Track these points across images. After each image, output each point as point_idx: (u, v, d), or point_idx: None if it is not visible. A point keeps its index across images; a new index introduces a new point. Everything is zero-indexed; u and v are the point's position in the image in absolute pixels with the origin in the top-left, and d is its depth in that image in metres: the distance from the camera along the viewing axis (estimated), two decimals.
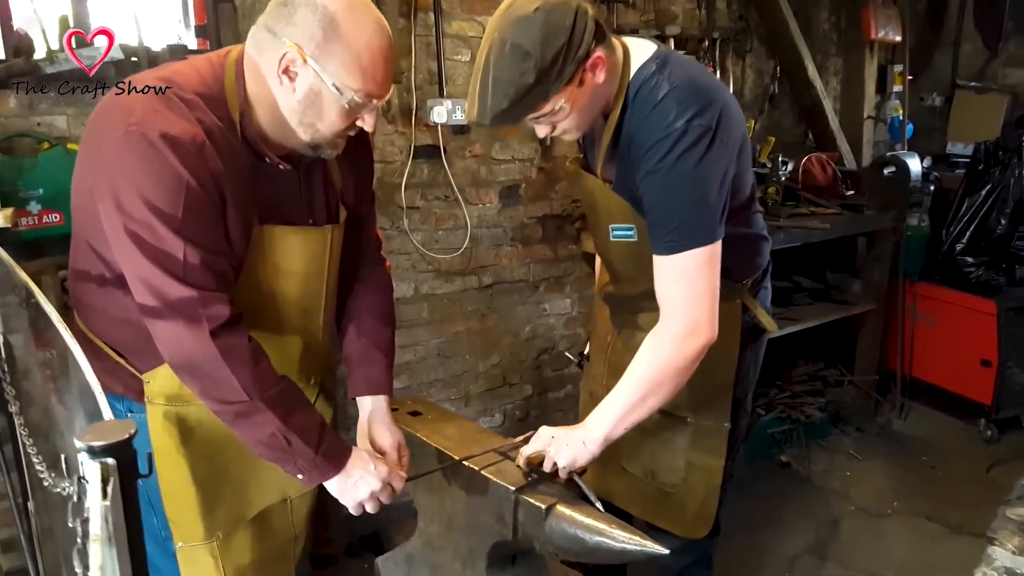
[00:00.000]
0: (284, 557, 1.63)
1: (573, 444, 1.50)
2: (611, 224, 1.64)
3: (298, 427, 1.31)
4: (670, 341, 1.45)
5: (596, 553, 1.41)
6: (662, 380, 1.46)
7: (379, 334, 1.61)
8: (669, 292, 1.46)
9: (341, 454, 1.39)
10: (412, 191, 2.86)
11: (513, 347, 3.36)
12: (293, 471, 1.35)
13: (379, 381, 1.58)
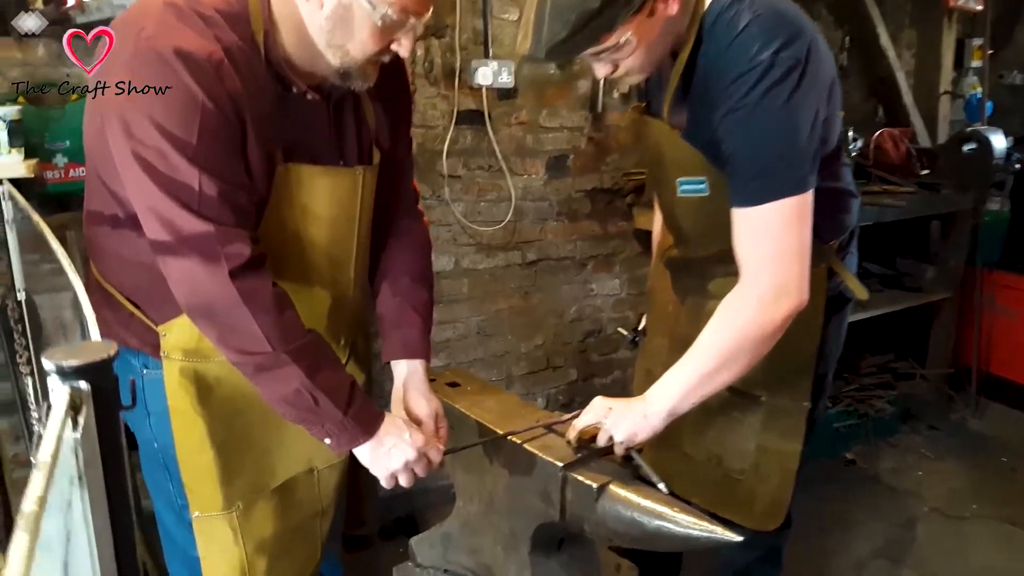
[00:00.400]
0: (309, 532, 1.52)
1: (632, 417, 1.37)
2: (679, 177, 1.49)
3: (326, 385, 1.19)
4: (753, 305, 1.31)
5: (655, 539, 1.27)
6: (741, 350, 1.32)
7: (415, 294, 1.49)
8: (752, 250, 1.31)
9: (373, 419, 1.27)
10: (454, 159, 2.74)
11: (557, 328, 3.22)
12: (320, 434, 1.24)
13: (415, 344, 1.46)
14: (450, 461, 1.63)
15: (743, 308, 1.31)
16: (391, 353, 1.48)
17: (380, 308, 1.51)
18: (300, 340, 1.19)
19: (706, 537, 1.22)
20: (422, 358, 1.47)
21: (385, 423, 1.28)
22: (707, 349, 1.34)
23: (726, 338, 1.32)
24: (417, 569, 1.66)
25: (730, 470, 1.63)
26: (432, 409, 1.42)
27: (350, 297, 1.43)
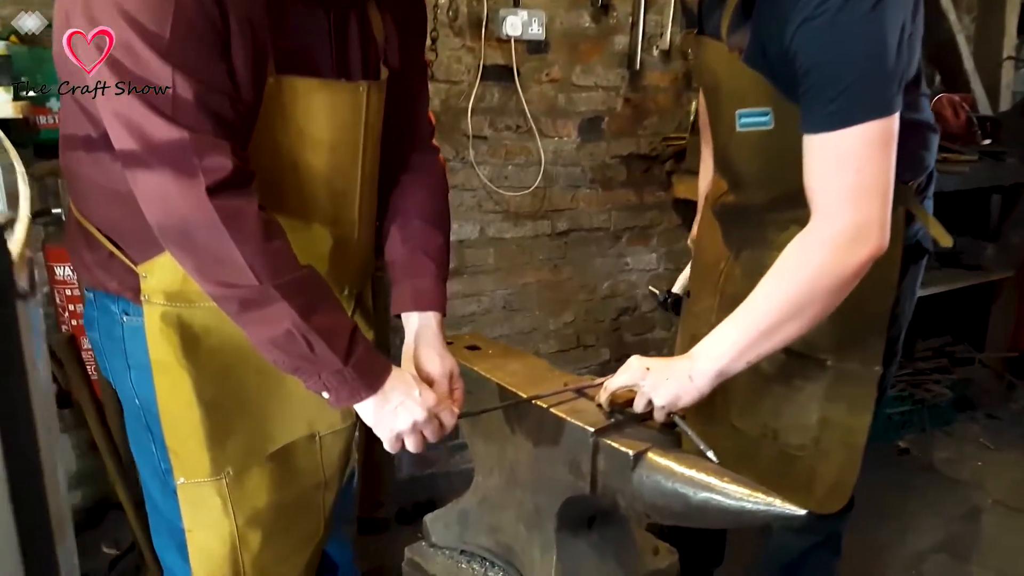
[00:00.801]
0: (311, 505, 1.37)
1: (675, 378, 1.20)
2: (739, 109, 1.33)
3: (322, 327, 1.04)
4: (828, 247, 1.14)
5: (702, 514, 1.11)
6: (809, 300, 1.14)
7: (429, 238, 1.34)
8: (829, 183, 1.14)
9: (377, 371, 1.11)
10: (479, 117, 2.58)
11: (589, 305, 3.06)
12: (316, 386, 1.08)
13: (427, 294, 1.31)
14: (469, 431, 1.48)
15: (815, 251, 1.14)
16: (401, 304, 1.32)
17: (389, 254, 1.36)
18: (291, 274, 1.04)
19: (763, 511, 1.05)
20: (436, 310, 1.31)
21: (392, 377, 1.13)
22: (768, 299, 1.18)
23: (793, 286, 1.15)
24: (431, 550, 1.51)
25: (787, 446, 1.46)
26: (446, 367, 1.26)
27: (355, 240, 1.28)
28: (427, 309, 1.31)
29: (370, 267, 1.39)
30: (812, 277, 1.14)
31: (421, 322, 1.30)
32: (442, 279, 1.33)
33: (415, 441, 1.15)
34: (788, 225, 1.33)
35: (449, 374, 1.27)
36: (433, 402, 1.15)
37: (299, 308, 1.02)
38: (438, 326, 1.31)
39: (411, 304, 1.31)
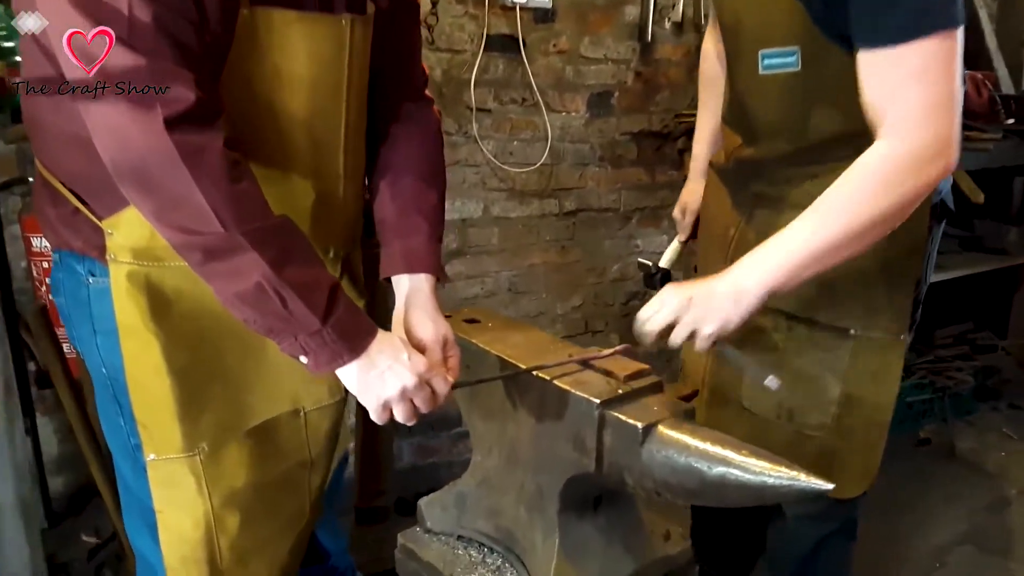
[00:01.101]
0: (294, 486, 1.28)
1: (719, 303, 1.12)
2: (762, 49, 1.23)
3: (297, 282, 0.94)
4: (904, 165, 1.06)
5: (719, 491, 1.01)
6: (880, 219, 1.07)
7: (421, 195, 1.24)
8: (901, 98, 1.06)
9: (361, 332, 1.02)
10: (483, 90, 2.48)
11: (598, 288, 2.96)
12: (293, 349, 0.99)
13: (419, 254, 1.21)
14: (466, 408, 1.39)
15: (890, 169, 1.06)
16: (391, 267, 1.22)
17: (378, 213, 1.26)
18: (261, 221, 0.94)
19: (786, 486, 0.95)
20: (428, 272, 1.21)
21: (378, 340, 1.03)
22: (830, 217, 1.08)
23: (861, 204, 1.07)
24: (426, 536, 1.41)
25: (804, 426, 1.36)
26: (439, 332, 1.16)
27: (340, 196, 1.18)
28: (419, 271, 1.21)
29: (358, 228, 1.30)
30: (884, 196, 1.06)
31: (412, 285, 1.20)
32: (436, 239, 1.24)
33: (404, 410, 1.05)
34: (804, 181, 1.24)
35: (443, 340, 1.17)
36: (424, 367, 1.05)
37: (270, 259, 0.92)
38: (430, 289, 1.21)
39: (401, 266, 1.21)
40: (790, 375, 1.34)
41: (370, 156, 1.26)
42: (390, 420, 1.05)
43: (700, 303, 1.13)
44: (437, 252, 1.23)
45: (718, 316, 1.12)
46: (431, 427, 2.66)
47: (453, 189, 2.49)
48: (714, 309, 1.12)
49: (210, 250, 0.92)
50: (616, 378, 1.18)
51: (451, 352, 1.18)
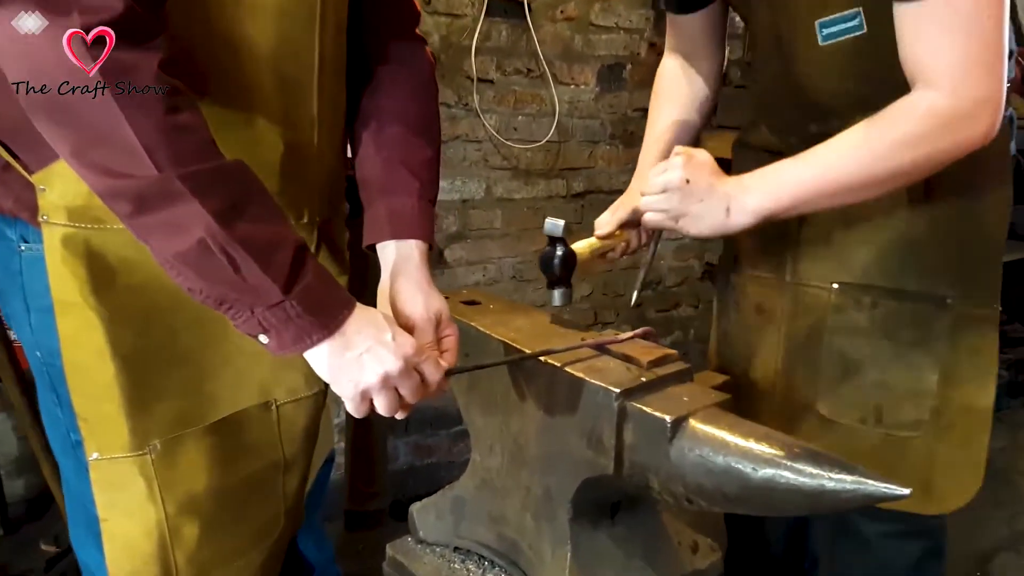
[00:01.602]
0: (266, 491, 1.13)
1: (711, 207, 1.07)
2: (820, 19, 1.10)
3: (252, 240, 0.79)
4: (940, 119, 0.98)
5: (766, 498, 0.85)
6: (898, 170, 1.01)
7: (412, 149, 1.08)
8: (942, 52, 0.97)
9: (335, 305, 0.85)
10: (485, 58, 2.33)
11: (608, 277, 2.81)
12: (250, 326, 0.83)
13: (408, 217, 1.05)
14: (464, 401, 1.23)
15: (925, 120, 0.98)
16: (375, 232, 1.07)
17: (361, 168, 1.10)
18: (206, 162, 0.78)
19: (850, 491, 0.80)
20: (419, 238, 1.05)
21: (356, 315, 0.86)
22: (852, 153, 1.02)
23: (888, 149, 1.00)
24: (419, 547, 1.26)
25: (896, 427, 1.17)
26: (431, 310, 1.01)
27: (314, 146, 1.02)
28: (407, 236, 1.05)
29: (339, 188, 1.14)
30: (914, 148, 0.99)
31: (400, 253, 1.05)
32: (428, 200, 1.08)
33: (387, 400, 0.88)
34: None
35: (436, 317, 1.01)
36: (412, 350, 0.89)
37: (216, 210, 0.76)
38: (421, 258, 1.05)
39: (387, 230, 1.05)
40: (878, 364, 1.18)
41: (352, 103, 1.10)
42: (371, 412, 0.89)
43: (693, 195, 1.07)
44: (429, 215, 1.08)
45: (704, 222, 1.08)
46: (429, 424, 2.51)
47: (452, 167, 2.34)
48: (703, 213, 1.07)
49: (142, 198, 0.76)
50: (638, 364, 1.03)
51: (447, 332, 1.02)
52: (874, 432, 1.18)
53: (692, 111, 1.41)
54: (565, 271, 1.21)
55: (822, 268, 1.21)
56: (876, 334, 1.16)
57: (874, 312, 1.15)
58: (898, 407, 1.16)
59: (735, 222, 1.07)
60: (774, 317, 1.29)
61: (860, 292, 1.17)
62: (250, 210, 0.80)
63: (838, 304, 1.19)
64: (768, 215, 1.06)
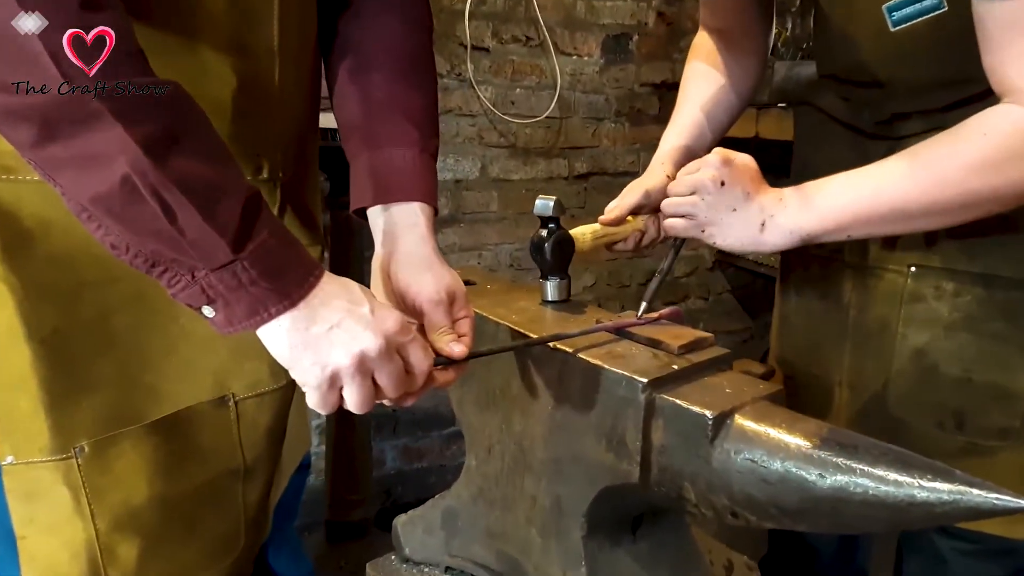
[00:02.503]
0: (222, 501, 0.98)
1: (743, 219, 0.94)
2: (887, 3, 0.96)
3: (191, 180, 0.63)
4: (1013, 120, 0.84)
5: (837, 511, 0.71)
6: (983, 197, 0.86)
7: (403, 88, 0.93)
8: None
9: (297, 269, 0.69)
10: (480, 24, 2.19)
11: (613, 266, 2.67)
12: (191, 295, 0.67)
13: (407, 173, 0.89)
14: (457, 396, 1.09)
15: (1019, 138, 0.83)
16: (362, 193, 0.90)
17: (341, 113, 0.94)
18: (134, 77, 0.62)
19: (948, 503, 0.65)
20: (423, 200, 0.89)
21: (324, 283, 0.70)
22: (920, 176, 0.87)
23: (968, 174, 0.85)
24: (404, 566, 1.10)
25: (979, 433, 1.03)
26: (441, 289, 0.84)
27: (275, 82, 0.87)
28: (408, 198, 0.89)
29: (309, 139, 0.99)
30: (993, 170, 0.84)
31: (398, 220, 0.89)
32: (429, 154, 0.92)
33: (360, 390, 0.72)
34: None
35: (448, 297, 0.85)
36: (395, 326, 0.73)
37: (146, 139, 0.60)
38: (427, 226, 0.89)
39: (381, 191, 0.89)
40: (960, 361, 1.03)
41: (326, 31, 0.94)
42: (339, 406, 0.73)
43: (726, 202, 0.93)
44: (433, 172, 0.92)
45: (733, 235, 0.95)
46: (419, 425, 2.36)
47: (444, 143, 2.19)
48: (735, 223, 0.94)
49: (47, 121, 0.60)
50: (667, 349, 0.88)
51: (462, 314, 0.86)
52: (954, 440, 1.03)
53: (730, 93, 1.25)
54: (559, 258, 1.05)
55: (897, 249, 1.06)
56: (959, 326, 1.01)
57: (957, 301, 1.00)
58: (983, 412, 1.02)
59: (769, 241, 0.95)
60: (840, 304, 1.14)
61: (941, 277, 1.03)
62: (189, 143, 0.64)
63: (915, 291, 1.04)
64: (808, 238, 0.94)
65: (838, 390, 1.17)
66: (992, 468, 1.02)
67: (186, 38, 0.78)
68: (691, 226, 0.97)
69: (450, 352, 0.79)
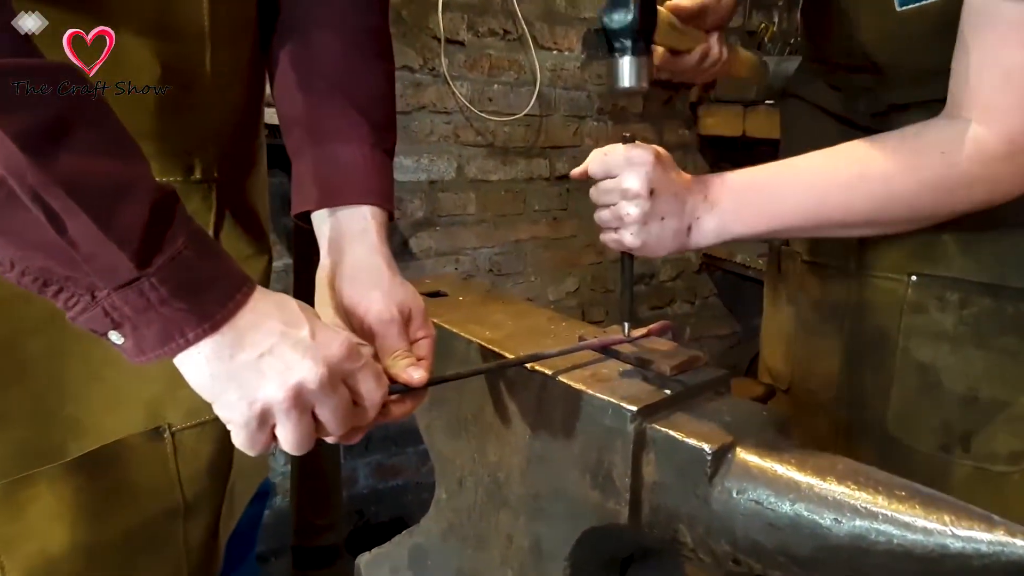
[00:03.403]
0: (160, 543, 0.88)
1: (673, 230, 0.84)
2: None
3: (82, 179, 0.53)
4: (988, 157, 0.77)
5: (856, 562, 0.63)
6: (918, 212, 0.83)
7: (354, 74, 0.83)
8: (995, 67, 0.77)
9: (220, 285, 0.59)
10: (454, 16, 2.10)
11: (597, 270, 2.59)
12: (93, 319, 0.58)
13: (355, 172, 0.80)
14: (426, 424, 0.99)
15: (972, 162, 0.78)
16: (305, 195, 0.81)
17: (282, 104, 0.85)
18: (11, 56, 0.53)
19: (988, 555, 0.56)
20: (372, 203, 0.80)
21: (255, 301, 0.60)
22: (873, 189, 0.83)
23: (929, 187, 0.81)
24: None
25: (987, 458, 0.95)
26: (394, 305, 0.75)
27: (207, 70, 0.77)
28: (357, 201, 0.79)
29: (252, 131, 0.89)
30: (945, 190, 0.80)
31: (345, 226, 0.79)
32: (384, 151, 0.83)
33: (295, 431, 0.62)
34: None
35: (402, 314, 0.76)
36: (340, 351, 0.63)
37: (24, 132, 0.51)
38: (379, 233, 0.80)
39: (325, 192, 0.80)
40: (966, 378, 0.95)
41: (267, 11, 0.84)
42: (269, 446, 0.64)
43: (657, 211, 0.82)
44: (387, 171, 0.82)
45: (663, 246, 0.85)
46: (393, 441, 2.26)
47: (417, 142, 2.10)
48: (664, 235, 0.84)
49: None
50: (658, 371, 0.79)
51: (420, 334, 0.77)
52: (960, 464, 0.94)
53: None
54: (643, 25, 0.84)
55: (896, 255, 0.98)
56: (965, 340, 0.93)
57: (963, 312, 0.92)
58: (991, 434, 0.93)
59: (694, 243, 0.87)
60: (836, 315, 1.06)
61: (945, 287, 0.94)
62: (81, 137, 0.54)
63: (916, 301, 0.96)
64: (735, 240, 0.87)
65: (832, 407, 1.08)
66: (1002, 497, 0.94)
67: (97, 18, 0.68)
68: (620, 246, 0.86)
69: (407, 379, 0.70)
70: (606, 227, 0.87)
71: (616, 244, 0.86)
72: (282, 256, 1.93)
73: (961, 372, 0.94)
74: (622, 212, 0.83)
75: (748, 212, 0.85)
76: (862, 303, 1.03)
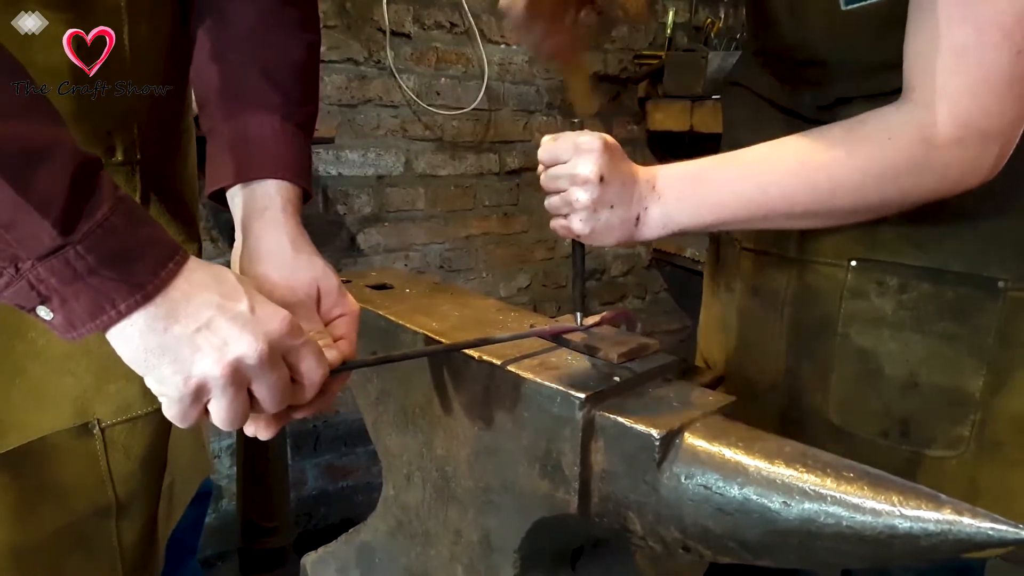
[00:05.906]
0: (91, 543, 0.85)
1: (620, 219, 0.83)
2: None
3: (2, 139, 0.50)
4: (937, 148, 0.77)
5: (806, 546, 0.62)
6: (863, 202, 0.82)
7: (268, 43, 0.80)
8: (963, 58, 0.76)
9: (152, 253, 0.56)
10: (400, 7, 2.07)
11: (548, 266, 2.58)
12: (18, 292, 0.54)
13: (266, 147, 0.77)
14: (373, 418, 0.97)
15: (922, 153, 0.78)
16: (219, 172, 0.78)
17: (198, 80, 0.82)
18: None
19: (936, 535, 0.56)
20: (284, 177, 0.77)
21: (189, 271, 0.58)
22: (816, 179, 0.82)
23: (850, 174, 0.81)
24: None
25: (926, 443, 0.95)
26: (308, 279, 0.73)
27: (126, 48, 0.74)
28: (262, 175, 0.77)
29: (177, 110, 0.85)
30: (890, 179, 0.79)
31: (251, 201, 0.76)
32: (297, 124, 0.80)
33: (230, 407, 0.59)
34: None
35: (318, 290, 0.74)
36: (281, 326, 0.60)
37: None
38: (286, 207, 0.76)
39: (233, 169, 0.77)
40: (905, 364, 0.95)
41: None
42: (200, 420, 0.61)
43: (605, 199, 0.82)
44: (299, 145, 0.79)
45: (612, 235, 0.84)
46: (343, 441, 2.22)
47: (364, 136, 2.07)
48: (613, 223, 0.83)
49: None
50: (606, 358, 0.78)
51: (336, 311, 0.74)
52: (898, 450, 0.95)
53: None
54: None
55: (836, 241, 0.98)
56: (904, 325, 0.93)
57: (902, 297, 0.92)
58: (931, 419, 0.93)
59: (641, 234, 0.86)
60: (775, 301, 1.06)
61: (885, 271, 0.95)
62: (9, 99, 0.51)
63: (856, 286, 0.96)
64: (681, 231, 0.87)
65: (772, 395, 1.09)
66: (941, 482, 0.94)
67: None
68: (569, 232, 0.85)
69: None
70: (556, 213, 0.86)
71: (565, 231, 0.85)
72: (224, 253, 1.88)
73: (901, 357, 0.94)
74: (571, 198, 0.82)
75: (693, 203, 0.85)
76: (802, 289, 1.03)
